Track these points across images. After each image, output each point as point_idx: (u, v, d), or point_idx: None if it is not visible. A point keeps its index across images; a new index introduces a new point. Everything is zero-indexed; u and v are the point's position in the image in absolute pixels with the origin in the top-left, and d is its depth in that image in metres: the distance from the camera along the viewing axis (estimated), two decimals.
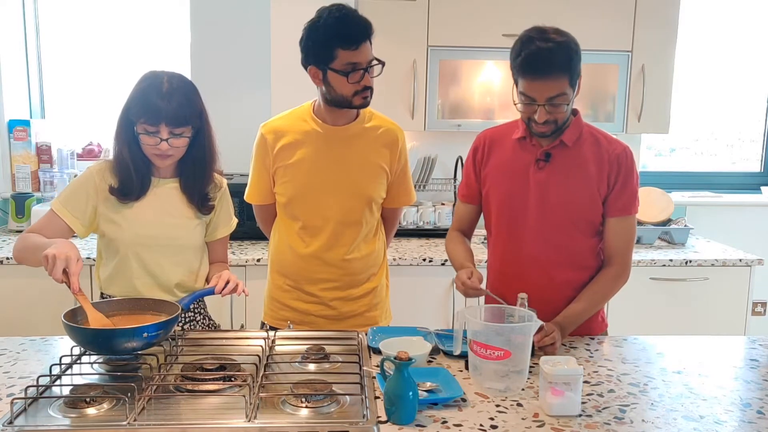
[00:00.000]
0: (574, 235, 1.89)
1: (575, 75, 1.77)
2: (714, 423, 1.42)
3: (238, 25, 3.49)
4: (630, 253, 1.93)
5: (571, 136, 1.87)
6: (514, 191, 1.92)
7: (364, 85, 1.93)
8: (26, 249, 1.76)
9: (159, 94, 1.74)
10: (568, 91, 1.76)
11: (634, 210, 1.89)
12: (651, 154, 4.13)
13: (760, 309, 3.85)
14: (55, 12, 3.70)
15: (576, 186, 1.86)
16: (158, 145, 1.77)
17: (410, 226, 3.40)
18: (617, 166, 1.85)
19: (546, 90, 1.74)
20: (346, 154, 2.05)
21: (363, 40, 1.89)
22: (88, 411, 1.37)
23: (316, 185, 2.04)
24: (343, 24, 1.88)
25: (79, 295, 1.60)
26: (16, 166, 3.50)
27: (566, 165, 1.87)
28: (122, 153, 1.83)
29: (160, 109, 1.74)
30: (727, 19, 3.96)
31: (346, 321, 2.13)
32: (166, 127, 1.76)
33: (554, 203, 1.87)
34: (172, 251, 1.90)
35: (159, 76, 1.79)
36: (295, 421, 1.34)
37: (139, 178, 1.84)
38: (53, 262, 1.55)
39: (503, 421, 1.40)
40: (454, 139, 3.59)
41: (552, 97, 1.74)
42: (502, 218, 1.96)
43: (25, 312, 2.91)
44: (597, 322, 2.00)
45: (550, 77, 1.73)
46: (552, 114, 1.77)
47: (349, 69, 1.90)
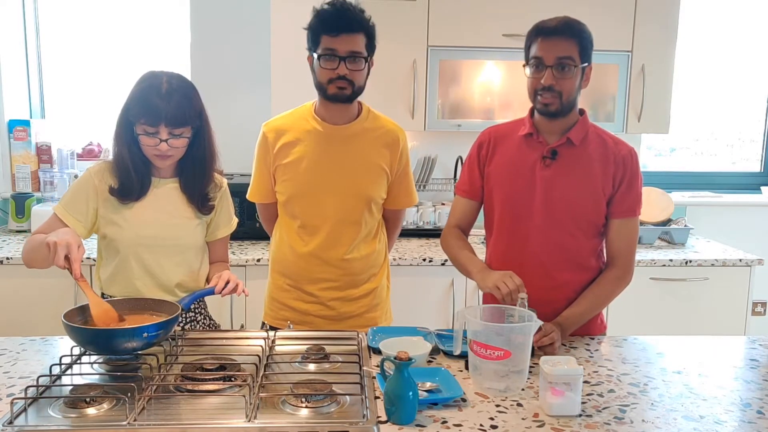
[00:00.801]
0: (577, 235, 1.89)
1: (585, 48, 1.80)
2: (714, 423, 1.42)
3: (238, 25, 3.49)
4: (633, 256, 1.92)
5: (578, 135, 1.88)
6: (520, 189, 1.91)
7: (339, 73, 1.93)
8: (33, 249, 1.77)
9: (158, 94, 1.74)
10: (576, 59, 1.79)
11: (638, 212, 1.90)
12: (651, 154, 4.14)
13: (760, 309, 3.85)
14: (55, 12, 3.70)
15: (580, 185, 1.86)
16: (158, 146, 1.77)
17: (410, 226, 3.40)
18: (623, 168, 1.86)
19: (556, 49, 1.78)
20: (345, 154, 2.05)
21: (347, 30, 1.91)
22: (88, 411, 1.37)
23: (315, 184, 2.04)
24: (331, 12, 1.92)
25: (80, 280, 1.62)
26: (16, 166, 3.50)
27: (572, 163, 1.87)
28: (122, 154, 1.83)
29: (159, 110, 1.73)
30: (727, 19, 3.96)
31: (345, 321, 2.12)
32: (165, 128, 1.76)
33: (558, 201, 1.87)
34: (173, 251, 1.90)
35: (158, 76, 1.79)
36: (295, 421, 1.34)
37: (139, 178, 1.84)
38: (54, 249, 1.57)
39: (503, 421, 1.40)
40: (454, 139, 3.60)
41: (561, 57, 1.78)
42: (506, 216, 1.95)
43: (25, 312, 2.90)
44: (596, 324, 2.00)
45: (561, 37, 1.78)
46: (558, 81, 1.79)
47: (327, 54, 1.92)
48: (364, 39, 1.95)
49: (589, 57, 1.84)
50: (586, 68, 1.84)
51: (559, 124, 1.88)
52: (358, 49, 1.93)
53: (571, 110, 1.87)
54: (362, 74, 1.98)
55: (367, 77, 2.02)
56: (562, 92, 1.80)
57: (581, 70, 1.83)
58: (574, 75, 1.81)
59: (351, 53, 1.92)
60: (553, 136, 1.89)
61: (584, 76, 1.85)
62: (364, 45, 1.95)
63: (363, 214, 2.08)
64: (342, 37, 1.91)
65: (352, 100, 2.01)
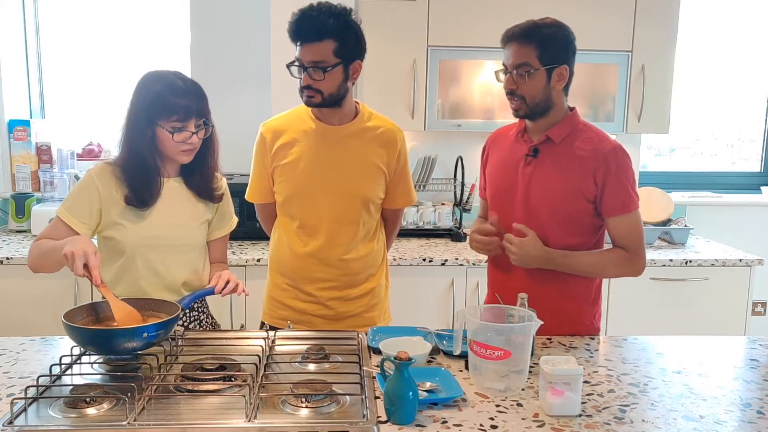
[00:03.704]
0: (555, 232, 1.88)
1: (549, 50, 1.82)
2: (714, 423, 1.42)
3: (238, 25, 3.49)
4: (641, 246, 1.88)
5: (560, 133, 1.89)
6: (505, 186, 1.96)
7: (303, 83, 1.93)
8: (42, 255, 1.77)
9: (179, 91, 1.78)
10: (534, 63, 1.82)
11: (632, 207, 1.87)
12: (651, 154, 4.13)
13: (760, 309, 3.85)
14: (55, 12, 3.70)
15: (557, 182, 1.87)
16: (189, 140, 1.80)
17: (410, 226, 3.40)
18: (605, 165, 1.83)
19: (513, 55, 1.85)
20: (342, 154, 2.05)
21: (310, 39, 1.88)
22: (88, 411, 1.37)
23: (312, 184, 2.04)
24: (295, 20, 1.91)
25: (102, 287, 1.63)
26: (16, 166, 3.50)
27: (551, 161, 1.89)
28: (142, 156, 1.82)
29: (188, 105, 1.78)
30: (727, 18, 3.96)
31: (343, 321, 2.12)
32: (195, 121, 1.80)
33: (535, 198, 1.89)
34: (178, 251, 1.90)
35: (166, 75, 1.81)
36: (295, 421, 1.34)
37: (157, 180, 1.86)
38: (72, 259, 1.58)
39: (503, 421, 1.40)
40: (454, 139, 3.60)
41: (517, 63, 1.84)
42: (494, 212, 1.99)
43: (25, 312, 2.91)
44: (585, 325, 1.97)
45: (517, 43, 1.84)
46: (519, 85, 1.84)
47: (293, 65, 1.93)
48: (333, 45, 1.88)
49: (558, 57, 1.83)
50: (554, 69, 1.84)
51: (542, 123, 1.91)
52: (320, 58, 1.88)
53: (546, 110, 1.88)
54: (330, 82, 1.92)
55: (345, 81, 1.95)
56: (524, 96, 1.86)
57: (546, 72, 1.83)
58: (534, 78, 1.83)
59: (312, 63, 1.89)
60: (538, 134, 1.92)
61: (553, 76, 1.84)
62: (332, 51, 1.88)
63: (361, 214, 2.08)
64: (306, 47, 1.89)
65: (326, 106, 1.97)
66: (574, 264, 1.88)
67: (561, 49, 1.85)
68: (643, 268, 1.90)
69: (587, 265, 1.90)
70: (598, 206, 1.86)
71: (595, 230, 1.92)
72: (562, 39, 1.85)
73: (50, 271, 1.79)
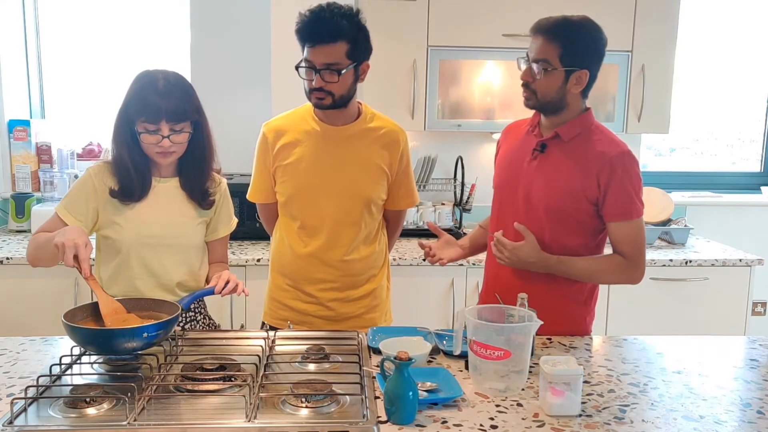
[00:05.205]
0: (551, 229, 1.87)
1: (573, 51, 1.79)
2: (714, 423, 1.42)
3: (238, 25, 3.49)
4: (640, 255, 1.86)
5: (570, 131, 1.87)
6: (510, 178, 1.95)
7: (315, 86, 1.92)
8: (38, 248, 1.78)
9: (157, 91, 1.75)
10: (554, 62, 1.79)
11: (635, 214, 1.83)
12: (651, 154, 4.14)
13: (760, 309, 3.85)
14: (55, 12, 3.70)
15: (558, 180, 1.85)
16: (160, 143, 1.78)
17: (410, 226, 3.39)
18: (609, 168, 1.80)
19: (535, 48, 1.82)
20: (344, 155, 2.05)
21: (323, 41, 1.87)
22: (88, 411, 1.37)
23: (313, 185, 2.04)
24: (307, 21, 1.89)
25: (90, 279, 1.63)
26: (16, 166, 3.50)
27: (557, 158, 1.87)
28: (122, 155, 1.83)
29: (159, 106, 1.74)
30: (727, 18, 3.96)
31: (344, 322, 2.12)
32: (166, 124, 1.76)
33: (535, 194, 1.88)
34: (174, 251, 1.90)
35: (154, 74, 1.80)
36: (295, 421, 1.34)
37: (140, 178, 1.85)
38: (63, 249, 1.58)
39: (503, 421, 1.40)
40: (454, 139, 3.60)
41: (536, 58, 1.81)
42: (496, 203, 2.00)
43: (25, 312, 2.91)
44: (576, 325, 1.95)
45: (541, 37, 1.81)
46: (533, 78, 1.83)
47: (304, 66, 1.92)
48: (346, 47, 1.88)
49: (580, 60, 1.79)
50: (573, 72, 1.80)
51: (554, 119, 1.88)
52: (334, 60, 1.88)
53: (558, 110, 1.86)
54: (342, 84, 1.92)
55: (355, 82, 1.96)
56: (536, 91, 1.82)
57: (564, 73, 1.79)
58: (551, 77, 1.79)
59: (326, 65, 1.88)
60: (548, 130, 1.90)
61: (571, 79, 1.80)
62: (345, 53, 1.89)
63: (362, 215, 2.08)
64: (318, 48, 1.88)
65: (335, 108, 1.97)
66: (569, 270, 1.86)
67: (585, 52, 1.80)
68: (640, 277, 1.88)
69: (583, 270, 1.88)
70: (600, 209, 1.84)
71: (596, 232, 1.90)
72: (589, 42, 1.81)
73: (48, 264, 1.77)
